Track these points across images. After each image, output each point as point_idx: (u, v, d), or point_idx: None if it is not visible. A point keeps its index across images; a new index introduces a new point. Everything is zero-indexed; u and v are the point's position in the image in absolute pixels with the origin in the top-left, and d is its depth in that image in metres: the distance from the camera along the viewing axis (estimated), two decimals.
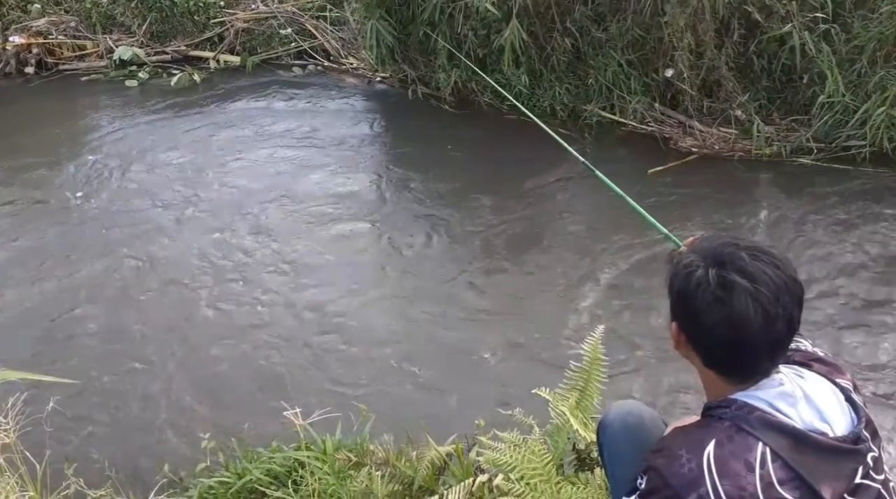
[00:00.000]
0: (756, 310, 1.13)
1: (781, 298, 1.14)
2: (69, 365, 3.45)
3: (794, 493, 1.11)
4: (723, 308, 1.15)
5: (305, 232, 4.46)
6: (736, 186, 4.66)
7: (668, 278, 1.25)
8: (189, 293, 3.95)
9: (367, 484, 2.25)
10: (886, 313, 3.50)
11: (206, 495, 2.41)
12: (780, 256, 1.19)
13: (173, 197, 4.91)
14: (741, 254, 1.17)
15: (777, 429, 1.15)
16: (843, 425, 1.20)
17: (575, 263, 4.02)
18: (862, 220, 4.22)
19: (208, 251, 4.31)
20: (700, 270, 1.18)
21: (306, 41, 7.15)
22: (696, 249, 1.23)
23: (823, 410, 1.19)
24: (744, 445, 1.14)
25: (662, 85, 5.32)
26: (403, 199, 4.82)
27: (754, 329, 1.14)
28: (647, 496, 1.20)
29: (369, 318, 3.71)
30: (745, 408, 1.18)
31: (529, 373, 3.19)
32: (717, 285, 1.16)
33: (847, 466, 1.16)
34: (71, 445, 2.88)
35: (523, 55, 5.36)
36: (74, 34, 7.38)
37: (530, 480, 1.85)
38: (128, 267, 4.20)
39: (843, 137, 4.73)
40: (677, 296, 1.23)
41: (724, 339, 1.17)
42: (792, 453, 1.13)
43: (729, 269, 1.16)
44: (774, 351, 1.19)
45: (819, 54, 4.64)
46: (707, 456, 1.14)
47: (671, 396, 3.06)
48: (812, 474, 1.12)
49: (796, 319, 1.18)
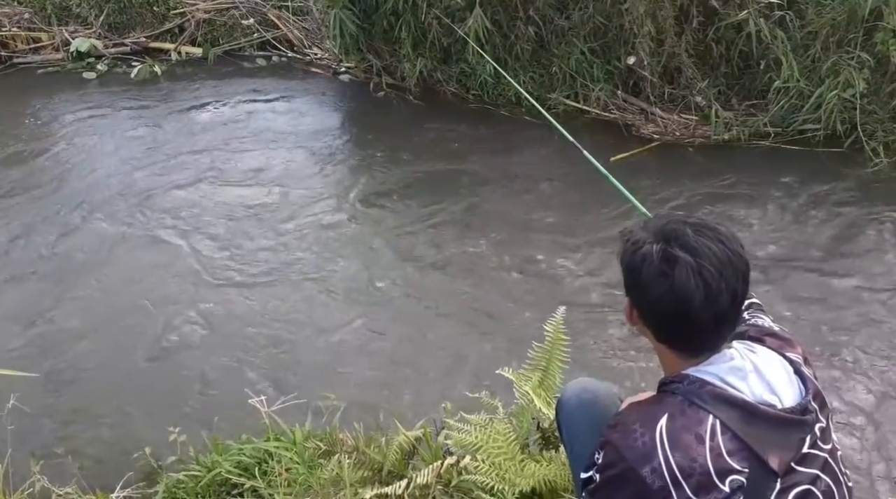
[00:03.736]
0: (698, 284, 1.17)
1: (725, 272, 1.18)
2: (29, 359, 3.38)
3: (742, 464, 1.16)
4: (665, 281, 1.19)
5: (268, 224, 4.44)
6: (695, 171, 4.76)
7: (618, 254, 1.29)
8: (150, 282, 3.91)
9: (336, 472, 2.27)
10: (843, 287, 3.63)
11: (175, 489, 2.39)
12: (725, 232, 1.22)
13: (133, 190, 4.84)
14: (686, 230, 1.21)
15: (727, 402, 1.19)
16: (792, 397, 1.25)
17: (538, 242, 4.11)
18: (814, 199, 4.35)
19: (170, 241, 4.26)
20: (646, 246, 1.22)
21: (269, 31, 7.06)
22: (646, 227, 1.27)
23: (773, 382, 1.24)
24: (695, 418, 1.19)
25: (625, 72, 5.39)
26: (369, 185, 4.83)
27: (697, 303, 1.18)
28: (604, 470, 1.24)
29: (333, 307, 3.71)
30: (697, 383, 1.22)
31: (497, 354, 3.23)
32: (660, 260, 1.20)
33: (794, 436, 1.20)
34: (34, 441, 2.83)
35: (487, 44, 5.38)
36: (29, 26, 7.18)
37: (495, 459, 1.88)
38: (83, 260, 4.13)
39: (798, 121, 4.85)
40: (626, 271, 1.27)
41: (668, 312, 1.21)
42: (741, 425, 1.17)
43: (673, 244, 1.20)
44: (719, 325, 1.23)
45: (774, 41, 4.75)
46: (660, 429, 1.18)
47: (635, 374, 3.13)
48: (760, 444, 1.17)
49: (741, 293, 1.22)
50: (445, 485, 2.13)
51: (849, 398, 2.97)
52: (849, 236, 4.02)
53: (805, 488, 1.19)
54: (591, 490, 1.27)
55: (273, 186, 4.84)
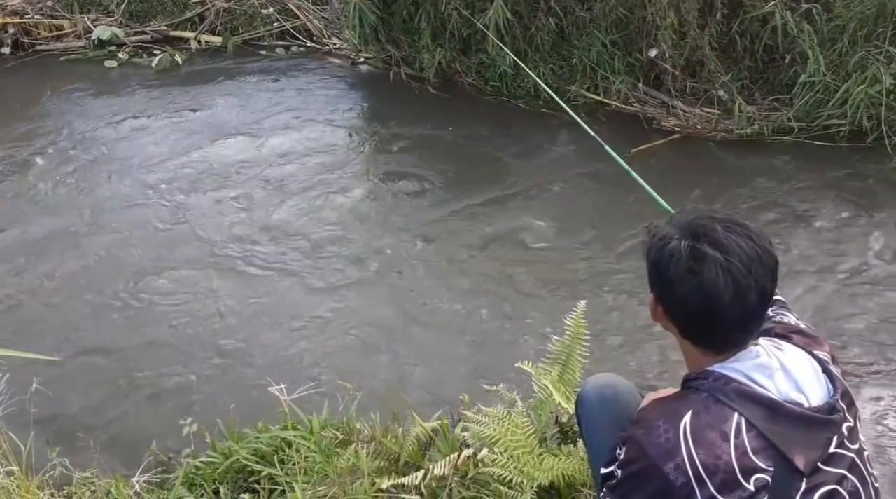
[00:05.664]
0: (727, 281, 1.15)
1: (754, 269, 1.16)
2: (54, 343, 3.42)
3: (767, 462, 1.14)
4: (694, 279, 1.17)
5: (292, 212, 4.44)
6: (716, 165, 4.70)
7: (645, 249, 1.27)
8: (169, 272, 3.93)
9: (353, 461, 2.27)
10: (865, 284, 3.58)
11: (193, 475, 2.41)
12: (754, 229, 1.21)
13: (156, 179, 4.87)
14: (715, 226, 1.19)
15: (752, 400, 1.17)
16: (819, 396, 1.22)
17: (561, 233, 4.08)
18: (839, 196, 4.28)
19: (196, 231, 4.28)
20: (674, 242, 1.21)
21: (289, 21, 7.06)
22: (673, 222, 1.25)
23: (800, 380, 1.22)
24: (720, 415, 1.17)
25: (646, 65, 5.32)
26: (389, 177, 4.82)
27: (725, 300, 1.16)
28: (625, 466, 1.23)
29: (352, 297, 3.72)
30: (722, 379, 1.20)
31: (517, 347, 3.22)
32: (689, 256, 1.18)
33: (821, 435, 1.18)
34: (55, 426, 2.86)
35: (507, 35, 5.33)
36: (51, 13, 7.22)
37: (513, 452, 1.87)
38: (108, 249, 4.16)
39: (823, 117, 4.76)
40: (653, 266, 1.25)
41: (696, 309, 1.20)
42: (766, 423, 1.15)
43: (702, 241, 1.18)
44: (747, 322, 1.21)
45: (801, 34, 4.66)
46: (684, 426, 1.17)
47: (656, 369, 3.10)
48: (786, 443, 1.15)
49: (769, 291, 1.20)
50: (462, 477, 2.13)
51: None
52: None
53: (831, 487, 1.17)
54: (612, 486, 1.26)
55: (292, 174, 4.85)
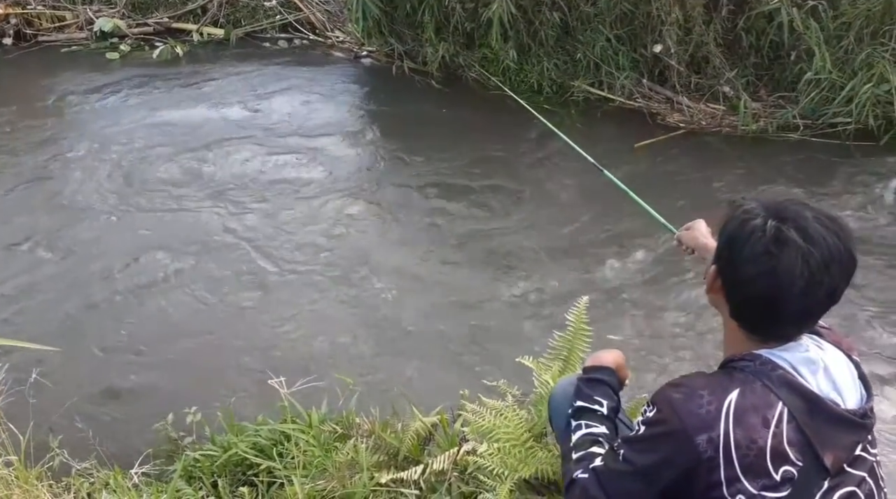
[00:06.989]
0: (803, 271, 1.11)
1: (832, 267, 1.12)
2: (50, 333, 3.42)
3: (798, 455, 1.13)
4: (769, 261, 1.13)
5: (295, 206, 4.43)
6: (720, 161, 4.68)
7: (722, 220, 1.22)
8: (171, 263, 3.91)
9: (352, 455, 2.27)
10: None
11: (191, 468, 2.41)
12: (844, 227, 1.16)
13: (154, 172, 4.85)
14: (805, 214, 1.14)
15: (796, 390, 1.15)
16: (854, 400, 1.21)
17: (558, 234, 4.05)
18: (847, 192, 4.26)
19: (195, 225, 4.27)
20: (759, 220, 1.15)
21: (291, 13, 7.03)
22: (761, 200, 1.20)
23: (838, 381, 1.20)
24: (766, 400, 1.14)
25: (651, 61, 5.29)
26: (391, 171, 4.81)
27: (795, 291, 1.12)
28: (652, 425, 1.19)
29: (353, 292, 3.70)
30: (769, 364, 1.18)
31: (520, 343, 3.20)
32: (771, 237, 1.13)
33: (850, 437, 1.17)
34: (54, 416, 2.86)
35: (511, 30, 5.31)
36: (53, 4, 7.19)
37: (503, 444, 1.87)
38: (108, 241, 4.15)
39: (829, 114, 4.74)
40: (727, 240, 1.20)
41: (761, 293, 1.15)
42: (805, 417, 1.14)
43: (788, 224, 1.13)
44: (806, 319, 1.18)
45: (807, 31, 4.63)
46: (728, 402, 1.14)
47: (657, 369, 3.09)
48: (820, 440, 1.13)
49: (839, 293, 1.16)
50: (461, 472, 2.12)
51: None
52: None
53: (850, 489, 1.17)
54: (630, 438, 1.23)
55: (294, 169, 4.83)
